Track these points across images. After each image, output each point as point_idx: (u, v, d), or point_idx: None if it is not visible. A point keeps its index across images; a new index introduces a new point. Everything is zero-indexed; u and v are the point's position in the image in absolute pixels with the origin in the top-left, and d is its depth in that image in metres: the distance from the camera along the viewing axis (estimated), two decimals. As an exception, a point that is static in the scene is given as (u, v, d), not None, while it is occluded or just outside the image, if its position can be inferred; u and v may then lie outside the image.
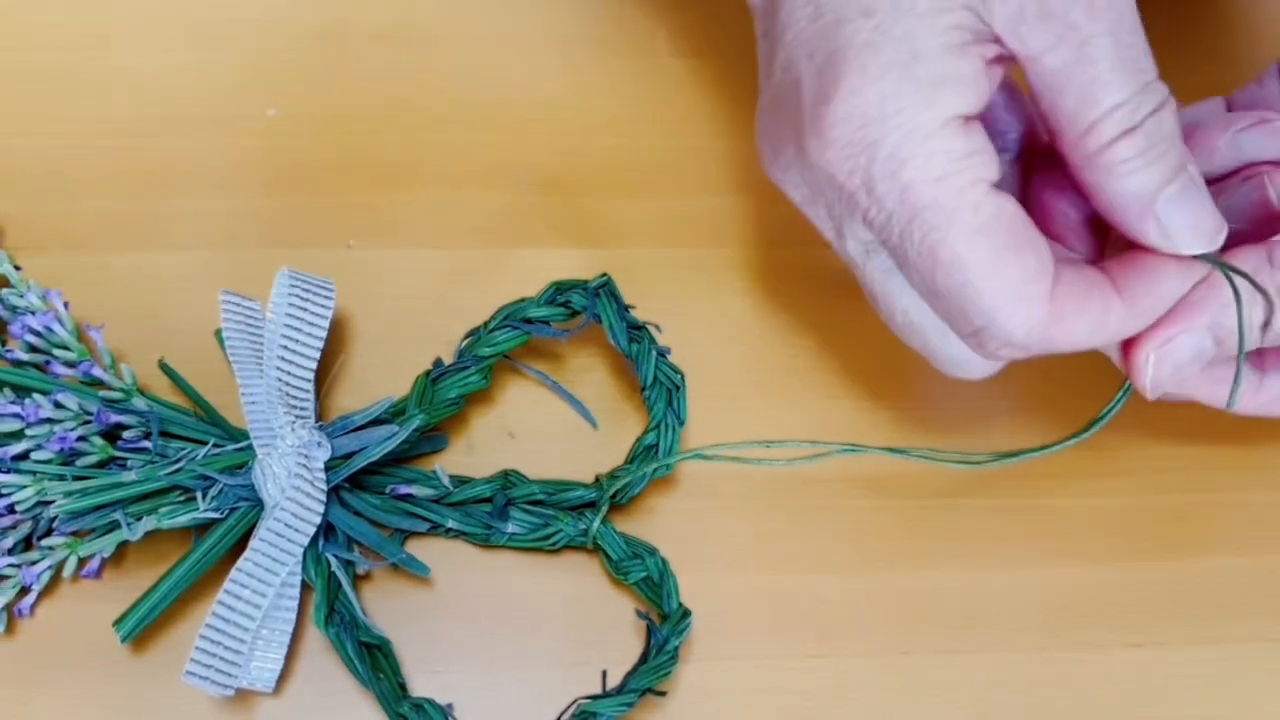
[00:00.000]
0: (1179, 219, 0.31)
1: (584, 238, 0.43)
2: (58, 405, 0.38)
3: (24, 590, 0.38)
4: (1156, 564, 0.41)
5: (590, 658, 0.38)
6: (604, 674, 0.38)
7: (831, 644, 0.39)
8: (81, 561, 0.38)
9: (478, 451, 0.41)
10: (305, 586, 0.38)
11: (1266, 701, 0.40)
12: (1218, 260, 0.32)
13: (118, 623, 0.37)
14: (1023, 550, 0.41)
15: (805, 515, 0.41)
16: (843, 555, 0.40)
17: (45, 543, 0.38)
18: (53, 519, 0.38)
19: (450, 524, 0.39)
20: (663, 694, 0.38)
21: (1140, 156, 0.31)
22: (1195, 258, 0.32)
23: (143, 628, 0.37)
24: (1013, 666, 0.39)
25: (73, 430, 0.38)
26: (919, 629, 0.40)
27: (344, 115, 0.44)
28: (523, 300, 0.40)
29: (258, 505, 0.38)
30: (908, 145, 0.30)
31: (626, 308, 0.40)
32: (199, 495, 0.38)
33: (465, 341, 0.40)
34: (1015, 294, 0.31)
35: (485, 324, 0.40)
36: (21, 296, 0.40)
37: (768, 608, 0.40)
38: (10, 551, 0.38)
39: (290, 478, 0.37)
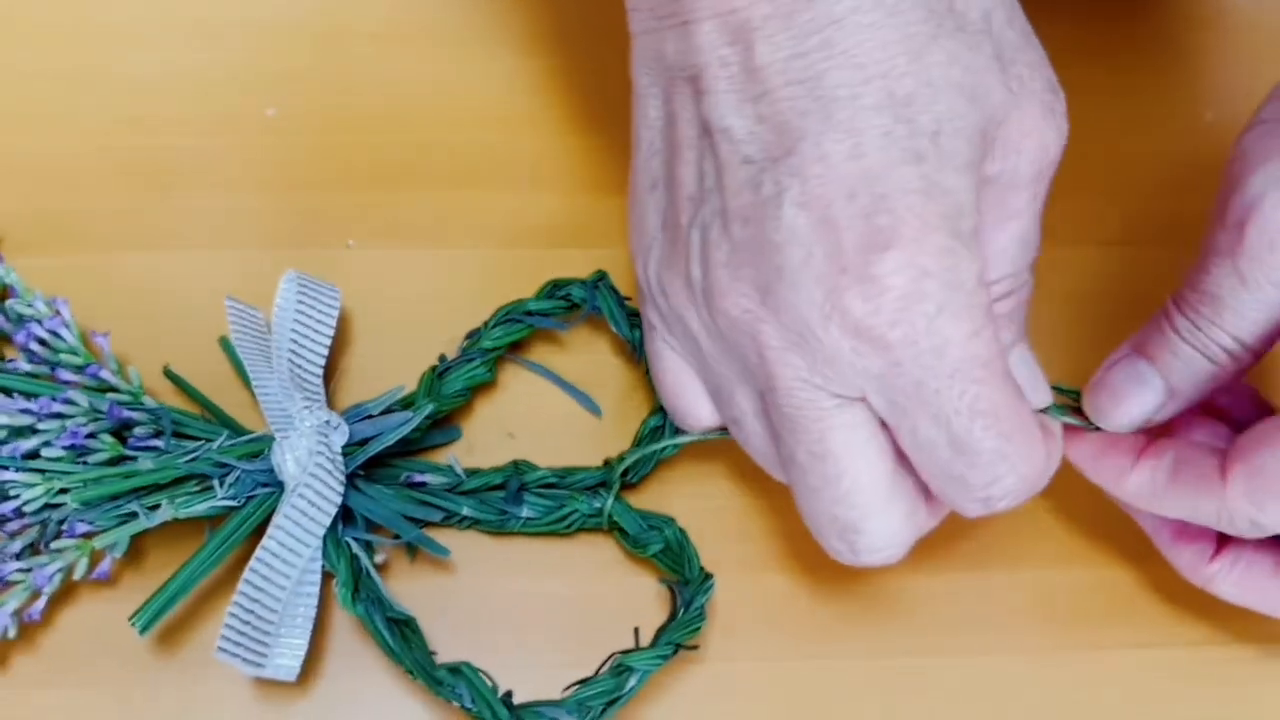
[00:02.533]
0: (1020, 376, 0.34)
1: (584, 237, 0.43)
2: (68, 402, 0.38)
3: (35, 594, 0.37)
4: (1156, 564, 0.40)
5: (607, 647, 0.38)
6: (636, 630, 0.38)
7: (831, 644, 0.39)
8: (94, 560, 0.37)
9: (478, 452, 0.41)
10: (324, 578, 0.38)
11: (1267, 702, 0.39)
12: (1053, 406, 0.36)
13: (136, 615, 0.36)
14: (1023, 550, 0.41)
15: None
16: None
17: (55, 545, 0.37)
18: (61, 522, 0.37)
19: (465, 511, 0.39)
20: (694, 648, 0.37)
21: (1010, 315, 0.34)
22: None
23: (161, 618, 0.36)
24: (1013, 666, 0.39)
25: (83, 426, 0.38)
26: (919, 629, 0.40)
27: (344, 115, 0.45)
28: (521, 300, 0.41)
29: (275, 492, 0.37)
30: (955, 301, 0.30)
31: (625, 298, 0.41)
32: (216, 483, 0.37)
33: (466, 342, 0.41)
34: (1037, 437, 0.32)
35: (485, 324, 0.41)
36: (29, 305, 0.39)
37: (768, 608, 0.40)
38: (19, 556, 0.37)
39: (311, 456, 0.37)
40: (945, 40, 0.31)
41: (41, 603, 0.37)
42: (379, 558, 0.38)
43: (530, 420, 0.41)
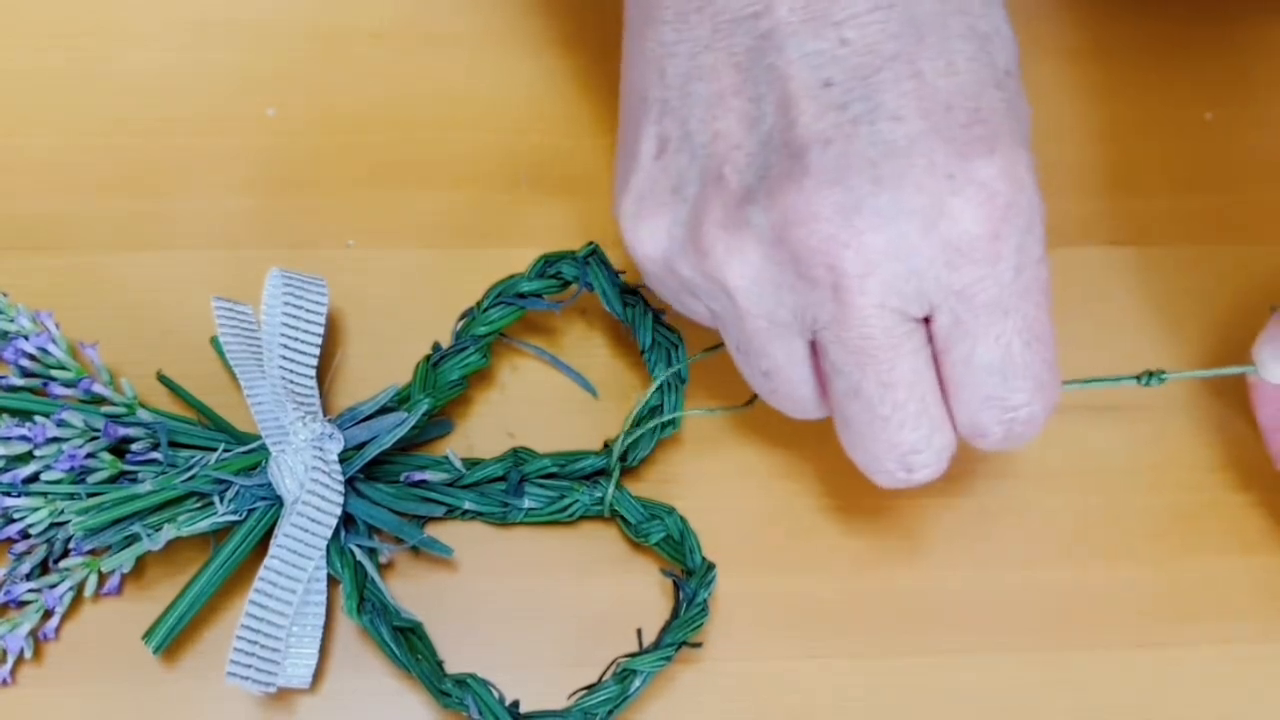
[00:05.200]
0: None
1: (584, 237, 0.42)
2: (62, 424, 0.38)
3: (47, 614, 0.37)
4: (1156, 564, 0.41)
5: (611, 642, 0.39)
6: (639, 632, 0.38)
7: (831, 644, 0.39)
8: (102, 578, 0.38)
9: (479, 454, 0.41)
10: (329, 582, 0.38)
11: (1267, 702, 0.40)
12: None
13: (147, 635, 0.37)
14: (1023, 550, 0.41)
15: (805, 515, 0.41)
16: (842, 555, 0.40)
17: (63, 564, 0.38)
18: (68, 540, 0.38)
19: (466, 505, 0.39)
20: (698, 645, 0.38)
21: None
22: None
23: (173, 637, 0.37)
24: (1013, 666, 0.39)
25: (81, 448, 0.38)
26: (919, 629, 0.40)
27: (344, 115, 0.44)
28: (513, 276, 0.40)
29: (275, 503, 0.38)
30: (1035, 220, 0.31)
31: (618, 273, 0.41)
32: (216, 499, 0.38)
33: (460, 323, 0.40)
34: (1059, 374, 0.34)
35: (478, 304, 0.40)
36: (12, 321, 0.39)
37: (768, 608, 0.40)
38: (28, 577, 0.37)
39: (308, 471, 0.37)
40: (1004, 13, 0.33)
41: (54, 621, 0.37)
42: (383, 558, 0.39)
43: (529, 420, 0.42)
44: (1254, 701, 0.40)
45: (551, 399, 0.42)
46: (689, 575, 0.38)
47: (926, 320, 0.32)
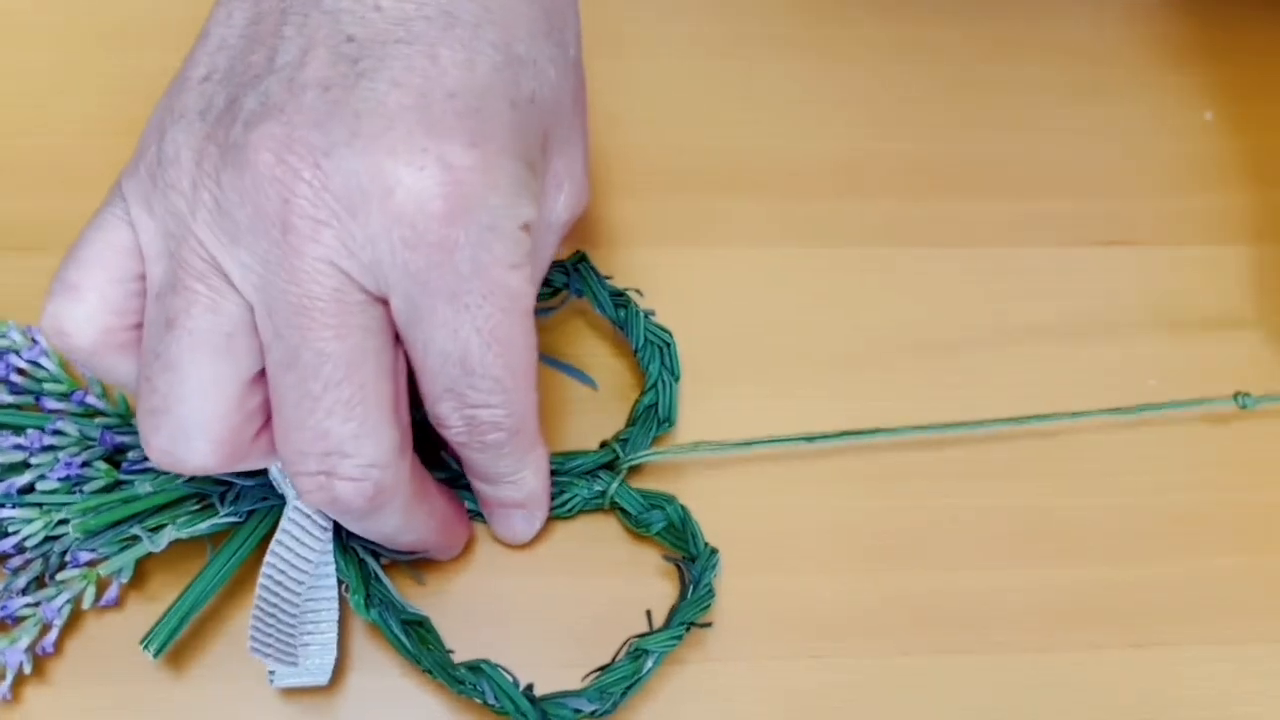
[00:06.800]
0: None
1: (582, 238, 0.43)
2: (57, 433, 0.37)
3: (45, 628, 0.37)
4: (1156, 564, 0.41)
5: (612, 638, 0.38)
6: (649, 613, 0.38)
7: (831, 644, 0.39)
8: (101, 588, 0.37)
9: None
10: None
11: (1267, 702, 0.39)
12: None
13: (147, 640, 0.36)
14: (1023, 550, 0.41)
15: (805, 514, 0.41)
16: (843, 555, 0.40)
17: (60, 576, 0.37)
18: (64, 553, 0.37)
19: (465, 504, 0.39)
20: (708, 625, 0.38)
21: None
22: None
23: (173, 640, 0.36)
24: (1013, 666, 0.39)
25: (76, 456, 0.37)
26: (919, 629, 0.40)
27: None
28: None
29: (277, 505, 0.37)
30: (505, 226, 0.31)
31: (605, 276, 0.41)
32: (216, 501, 0.37)
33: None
34: (535, 385, 0.34)
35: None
36: (4, 336, 0.39)
37: (768, 608, 0.39)
38: (24, 591, 0.37)
39: None
40: (556, 48, 0.33)
41: (53, 635, 0.37)
42: (385, 559, 0.38)
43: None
44: (1254, 702, 0.39)
45: (549, 399, 0.42)
46: (693, 561, 0.38)
47: (388, 307, 0.31)
